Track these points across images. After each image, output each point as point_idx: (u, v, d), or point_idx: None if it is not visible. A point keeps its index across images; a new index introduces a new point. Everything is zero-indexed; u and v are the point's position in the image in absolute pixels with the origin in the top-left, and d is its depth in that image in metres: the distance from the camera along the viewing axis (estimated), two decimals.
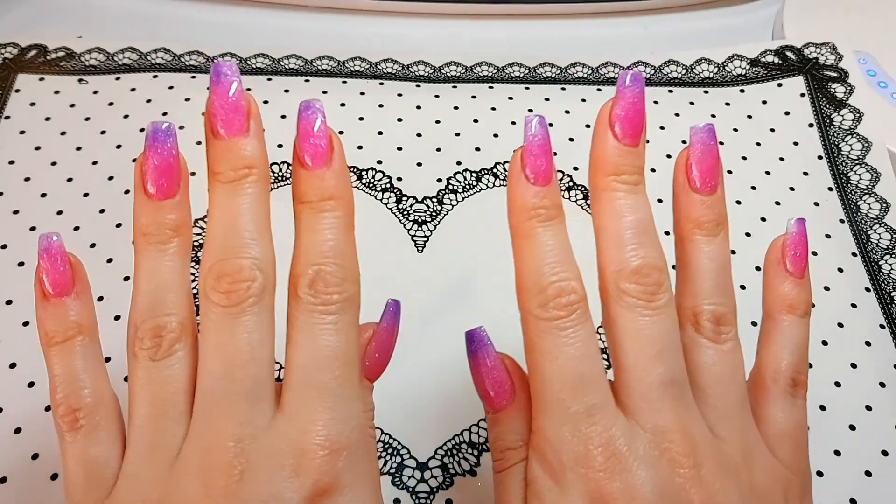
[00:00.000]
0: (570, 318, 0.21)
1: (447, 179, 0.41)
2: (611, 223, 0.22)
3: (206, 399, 0.21)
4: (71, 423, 0.21)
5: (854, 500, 0.32)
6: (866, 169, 0.42)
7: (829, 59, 0.47)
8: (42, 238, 0.22)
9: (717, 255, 0.23)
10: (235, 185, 0.21)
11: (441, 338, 0.35)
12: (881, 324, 0.37)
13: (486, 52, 0.48)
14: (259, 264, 0.21)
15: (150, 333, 0.21)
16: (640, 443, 0.21)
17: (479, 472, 0.32)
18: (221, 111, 0.21)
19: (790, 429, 0.23)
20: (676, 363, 0.22)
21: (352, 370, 0.22)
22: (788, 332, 0.24)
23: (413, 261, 0.38)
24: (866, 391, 0.35)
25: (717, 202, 0.23)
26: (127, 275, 0.37)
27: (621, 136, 0.22)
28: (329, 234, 0.22)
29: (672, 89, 0.46)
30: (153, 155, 0.21)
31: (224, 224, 0.21)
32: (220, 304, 0.21)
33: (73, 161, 0.41)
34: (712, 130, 0.23)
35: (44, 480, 0.31)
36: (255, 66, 0.46)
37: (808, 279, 0.24)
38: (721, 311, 0.23)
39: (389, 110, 0.44)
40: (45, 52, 0.46)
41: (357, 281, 0.22)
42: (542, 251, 0.22)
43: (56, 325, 0.22)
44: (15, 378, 0.34)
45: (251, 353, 0.21)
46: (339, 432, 0.21)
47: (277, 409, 0.21)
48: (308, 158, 0.22)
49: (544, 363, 0.21)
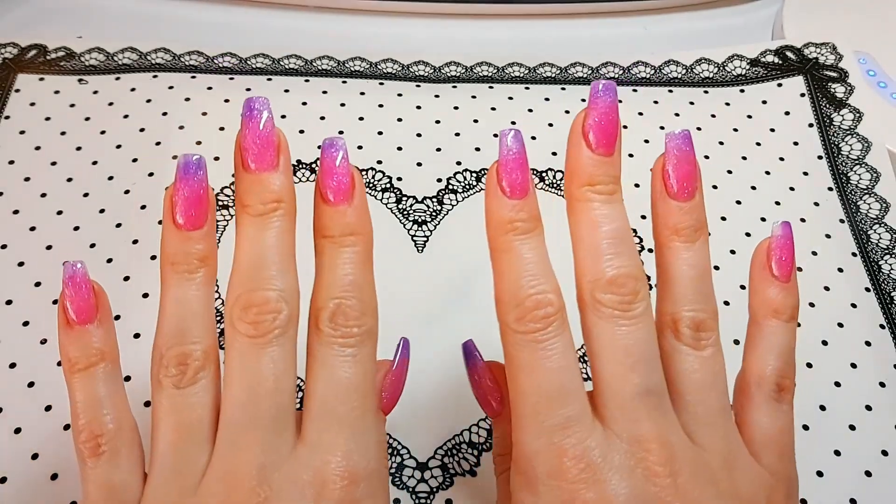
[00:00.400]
0: (547, 331, 0.21)
1: (447, 179, 0.41)
2: (587, 233, 0.22)
3: (231, 427, 0.21)
4: (93, 448, 0.22)
5: (854, 500, 0.32)
6: (866, 169, 0.42)
7: (828, 59, 0.47)
8: (67, 266, 0.22)
9: (696, 262, 0.23)
10: (264, 218, 0.22)
11: (441, 338, 0.35)
12: (881, 324, 0.37)
13: (486, 52, 0.48)
14: (285, 296, 0.22)
15: (176, 361, 0.22)
16: (616, 453, 0.21)
17: (479, 473, 0.32)
18: (253, 146, 0.22)
19: (775, 434, 0.23)
20: (654, 372, 0.22)
21: (369, 401, 0.22)
22: (773, 337, 0.24)
23: (413, 261, 0.38)
24: (866, 391, 0.35)
25: (695, 208, 0.23)
26: (127, 275, 0.37)
27: (595, 145, 0.22)
28: (349, 268, 0.22)
29: (672, 89, 0.46)
30: (184, 186, 0.22)
31: (252, 256, 0.22)
32: (247, 333, 0.21)
33: (72, 161, 0.41)
34: (688, 136, 0.23)
35: (43, 480, 0.31)
36: (254, 66, 0.46)
37: (795, 283, 0.24)
38: (700, 317, 0.22)
39: (389, 110, 0.44)
40: (44, 51, 0.46)
41: (375, 314, 0.23)
42: (519, 264, 0.22)
43: (79, 352, 0.22)
44: (15, 378, 0.34)
45: (276, 383, 0.21)
46: (356, 463, 0.21)
47: (298, 439, 0.22)
48: (331, 194, 0.22)
49: (521, 376, 0.22)
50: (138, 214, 0.39)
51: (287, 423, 0.21)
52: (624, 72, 0.47)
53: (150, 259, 0.37)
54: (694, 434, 0.22)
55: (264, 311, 0.21)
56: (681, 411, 0.22)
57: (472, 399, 0.27)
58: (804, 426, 0.34)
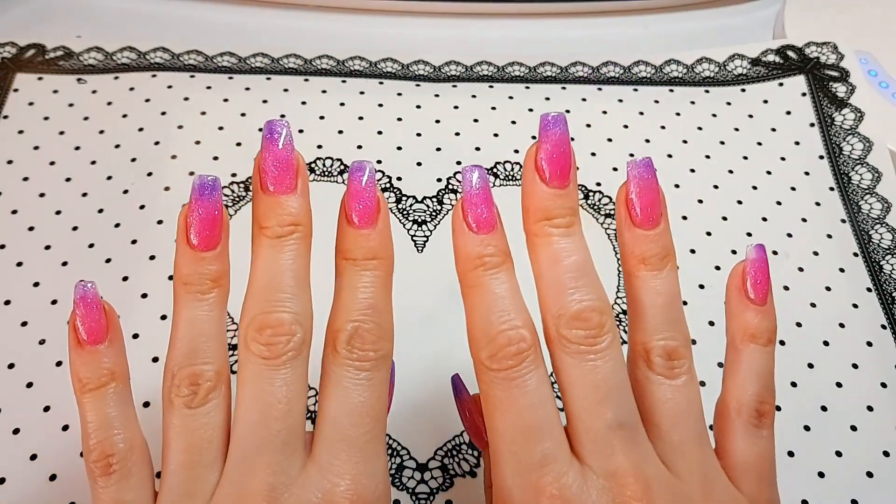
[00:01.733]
0: (520, 368, 0.21)
1: (447, 179, 0.41)
2: (548, 269, 0.22)
3: (241, 447, 0.21)
4: (104, 468, 0.22)
5: (855, 500, 0.32)
6: (868, 169, 0.42)
7: (830, 58, 0.47)
8: (78, 286, 0.23)
9: (665, 289, 0.23)
10: (281, 240, 0.22)
11: (441, 338, 0.35)
12: (882, 324, 0.37)
13: (486, 51, 0.48)
14: (299, 318, 0.22)
15: (188, 381, 0.22)
16: (593, 489, 0.21)
17: (479, 474, 0.32)
18: (272, 169, 0.22)
19: (754, 461, 0.23)
20: (625, 405, 0.21)
21: (380, 426, 0.22)
22: (751, 362, 0.23)
23: (413, 261, 0.38)
24: (868, 392, 0.35)
25: (661, 235, 0.23)
26: (126, 275, 0.37)
27: (549, 179, 0.22)
28: (369, 291, 0.22)
29: (673, 89, 0.46)
30: (198, 207, 0.22)
31: (267, 278, 0.22)
32: (260, 355, 0.21)
33: (71, 161, 0.41)
34: (650, 164, 0.23)
35: (42, 481, 0.31)
36: (254, 65, 0.46)
37: (772, 306, 0.24)
38: (672, 344, 0.22)
39: (389, 110, 0.44)
40: (43, 51, 0.46)
41: (392, 339, 0.23)
42: (489, 299, 0.22)
43: (90, 373, 0.22)
44: (14, 378, 0.34)
45: (287, 405, 0.21)
46: (364, 486, 0.21)
47: (308, 460, 0.22)
48: (356, 217, 0.23)
49: (497, 415, 0.22)
50: (137, 214, 0.39)
51: (297, 444, 0.22)
52: (624, 71, 0.47)
53: (148, 259, 0.37)
54: (670, 463, 0.22)
55: (278, 334, 0.21)
56: (656, 440, 0.22)
57: None
58: (805, 427, 0.34)
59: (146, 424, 0.23)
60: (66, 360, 0.23)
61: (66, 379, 0.23)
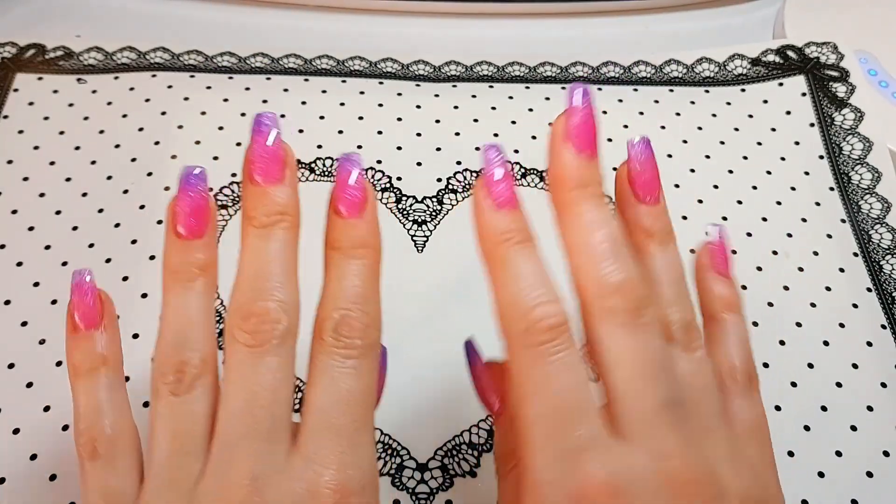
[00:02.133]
0: (557, 343, 0.20)
1: (447, 179, 0.41)
2: (584, 238, 0.21)
3: (226, 435, 0.21)
4: (91, 452, 0.22)
5: (855, 500, 0.32)
6: (867, 169, 0.42)
7: (830, 58, 0.47)
8: (75, 273, 0.23)
9: (674, 264, 0.23)
10: (268, 230, 0.22)
11: (441, 338, 0.35)
12: (882, 324, 0.37)
13: (486, 51, 0.48)
14: (285, 307, 0.22)
15: (174, 369, 0.22)
16: (641, 471, 0.20)
17: (479, 473, 0.32)
18: (260, 160, 0.22)
19: (755, 423, 0.23)
20: (674, 381, 0.21)
21: (368, 415, 0.22)
22: (734, 330, 0.24)
23: (413, 261, 0.38)
24: (868, 392, 0.35)
25: (663, 213, 0.23)
26: (126, 275, 0.37)
27: (579, 148, 0.22)
28: (357, 280, 0.22)
29: (673, 88, 0.46)
30: (185, 197, 0.22)
31: (254, 267, 0.22)
32: (246, 343, 0.21)
33: (71, 161, 0.41)
34: (647, 143, 0.23)
35: (42, 481, 0.31)
36: (254, 65, 0.46)
37: (734, 279, 0.25)
38: (688, 318, 0.22)
39: (389, 110, 0.44)
40: (43, 51, 0.46)
41: (380, 328, 0.23)
42: (520, 273, 0.21)
43: (83, 357, 0.23)
44: (13, 378, 0.34)
45: (273, 394, 0.21)
46: (351, 476, 0.21)
47: (294, 448, 0.21)
48: (343, 208, 0.23)
49: (530, 398, 0.21)
50: (137, 214, 0.39)
51: (282, 433, 0.21)
52: (625, 71, 0.47)
53: (148, 259, 0.37)
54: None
55: (263, 321, 0.21)
56: None
57: (473, 399, 0.27)
58: (805, 426, 0.34)
59: (146, 424, 0.23)
60: (65, 359, 0.23)
61: (66, 379, 0.23)
